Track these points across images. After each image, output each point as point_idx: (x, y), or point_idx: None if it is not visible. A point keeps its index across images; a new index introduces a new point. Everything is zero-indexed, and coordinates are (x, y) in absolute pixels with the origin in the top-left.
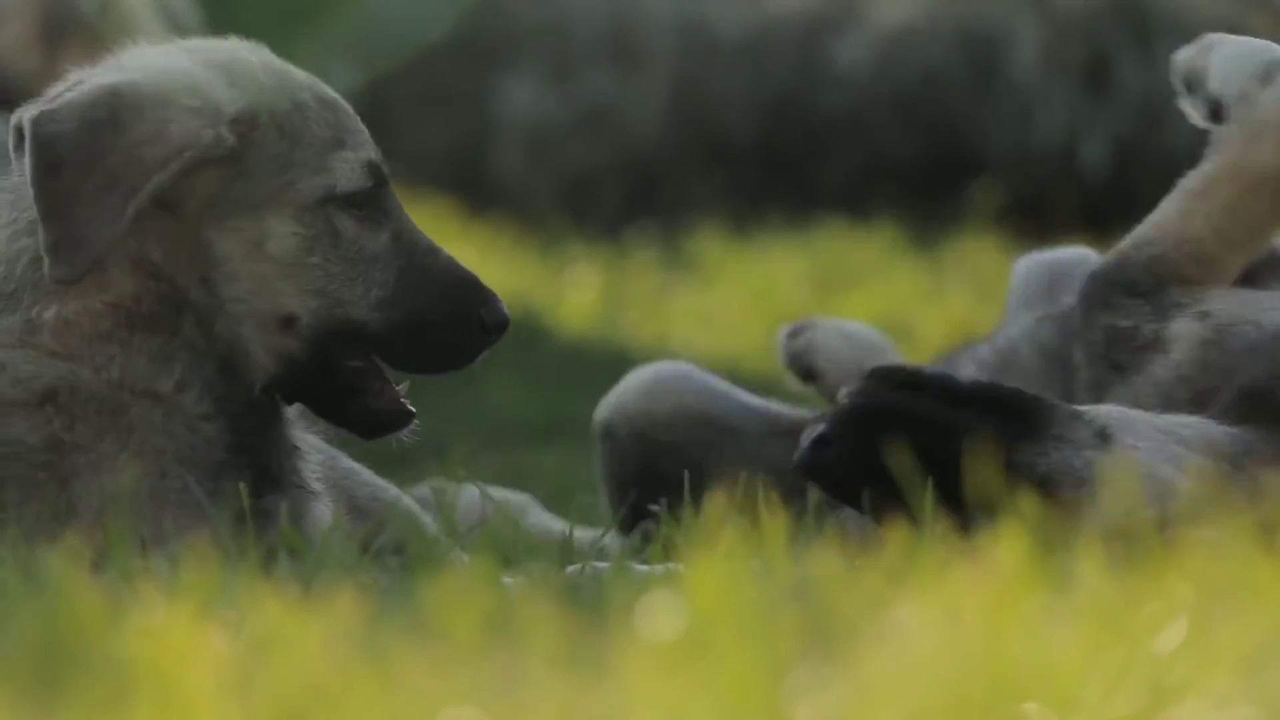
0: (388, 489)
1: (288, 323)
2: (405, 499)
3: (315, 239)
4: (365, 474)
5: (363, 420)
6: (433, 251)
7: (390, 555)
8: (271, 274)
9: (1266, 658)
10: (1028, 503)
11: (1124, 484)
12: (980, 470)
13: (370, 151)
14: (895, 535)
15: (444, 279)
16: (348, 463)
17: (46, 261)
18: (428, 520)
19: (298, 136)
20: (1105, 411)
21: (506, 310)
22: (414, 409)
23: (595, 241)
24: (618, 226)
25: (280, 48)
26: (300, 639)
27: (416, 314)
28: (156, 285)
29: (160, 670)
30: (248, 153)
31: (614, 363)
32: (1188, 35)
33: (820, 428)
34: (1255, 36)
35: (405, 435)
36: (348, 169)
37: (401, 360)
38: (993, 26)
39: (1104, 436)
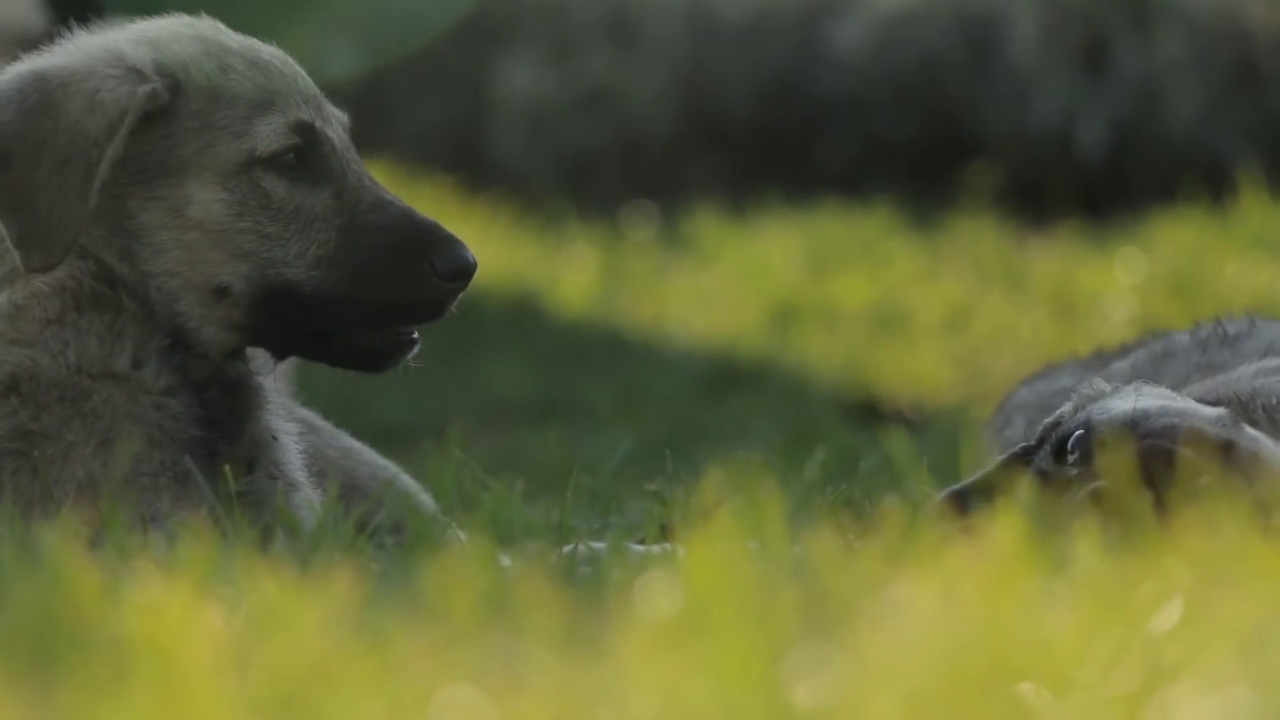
0: (388, 468)
1: (222, 293)
2: (404, 478)
3: (243, 203)
4: (366, 453)
5: (348, 357)
6: (380, 206)
7: (387, 535)
8: (200, 242)
9: (1263, 638)
10: (1024, 485)
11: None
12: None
13: (302, 112)
14: (892, 515)
15: (390, 232)
16: (348, 441)
17: (18, 255)
18: (426, 499)
19: (220, 99)
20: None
21: (470, 255)
22: (417, 335)
23: (593, 222)
24: (616, 207)
25: (279, 31)
26: (298, 618)
27: (360, 269)
28: (84, 264)
29: (157, 648)
30: (174, 112)
31: (611, 343)
32: (1185, 19)
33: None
34: (1253, 22)
35: (412, 361)
36: (270, 131)
37: (355, 316)
38: (990, 9)
39: None
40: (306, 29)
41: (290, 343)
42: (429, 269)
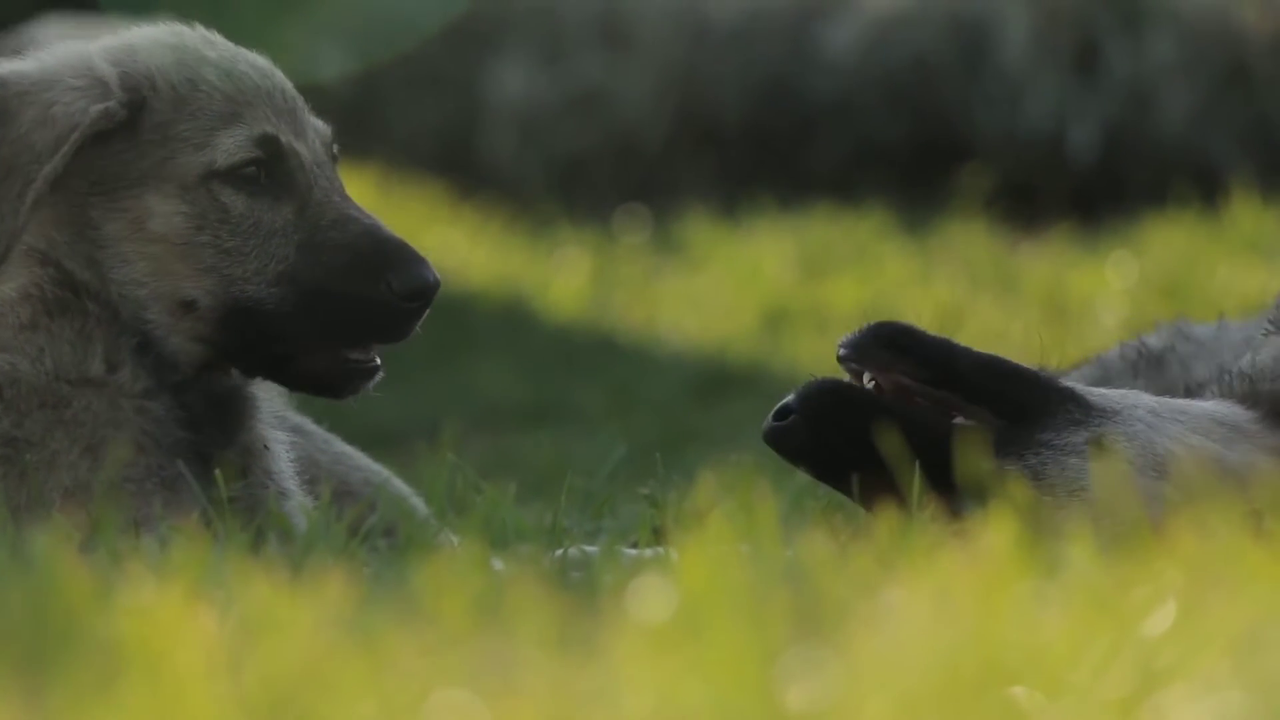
0: (379, 472)
1: (188, 306)
2: (396, 482)
3: (203, 216)
4: (358, 458)
5: (306, 382)
6: (342, 223)
7: (380, 538)
8: (164, 254)
9: (1255, 641)
10: (1017, 487)
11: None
12: (969, 455)
13: (269, 125)
14: (885, 518)
15: (348, 249)
16: (340, 446)
17: None
18: (418, 503)
19: (184, 111)
20: (1109, 405)
21: (430, 275)
22: (379, 363)
23: (585, 225)
24: (607, 210)
25: (269, 33)
26: (290, 620)
27: (317, 286)
28: (45, 270)
29: (150, 651)
30: (140, 122)
31: (603, 346)
32: (1176, 21)
33: (788, 396)
34: (1244, 25)
35: (371, 391)
36: (231, 144)
37: (314, 335)
38: (982, 12)
39: (1097, 444)
40: (298, 31)
41: (253, 362)
42: (386, 288)
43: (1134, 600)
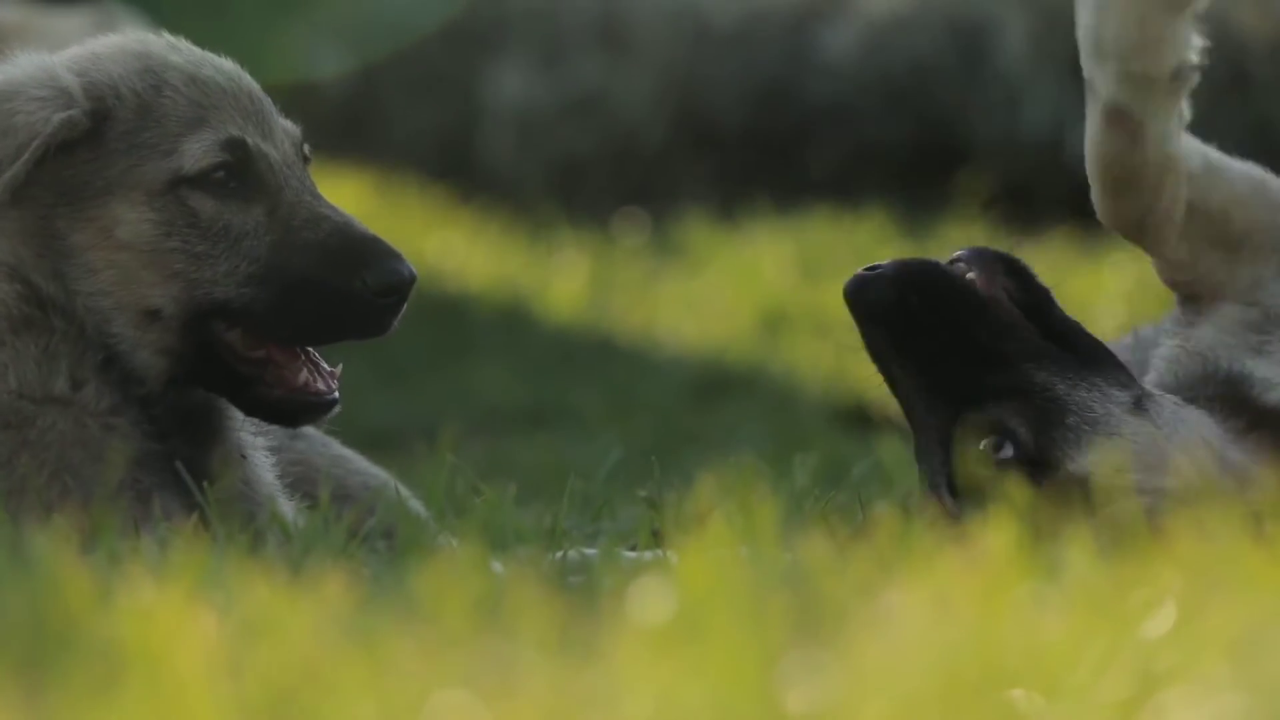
0: (378, 475)
1: (153, 315)
2: (394, 484)
3: (171, 222)
4: (356, 461)
5: (261, 409)
6: (315, 222)
7: (379, 540)
8: (131, 262)
9: (1254, 644)
10: (1017, 489)
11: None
12: (968, 458)
13: (236, 128)
14: (884, 521)
15: (320, 248)
16: (338, 449)
17: None
18: (417, 505)
19: (149, 118)
20: (1151, 390)
21: (405, 269)
22: (336, 397)
23: (584, 228)
24: (606, 213)
25: (268, 32)
26: (289, 622)
27: (289, 286)
28: (11, 287)
29: (149, 652)
30: (105, 132)
31: (602, 348)
32: None
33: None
34: (1243, 29)
35: (323, 424)
36: (198, 149)
37: (288, 334)
38: (981, 16)
39: (1138, 404)
40: (297, 29)
41: (214, 381)
42: (360, 285)
43: (1133, 603)
